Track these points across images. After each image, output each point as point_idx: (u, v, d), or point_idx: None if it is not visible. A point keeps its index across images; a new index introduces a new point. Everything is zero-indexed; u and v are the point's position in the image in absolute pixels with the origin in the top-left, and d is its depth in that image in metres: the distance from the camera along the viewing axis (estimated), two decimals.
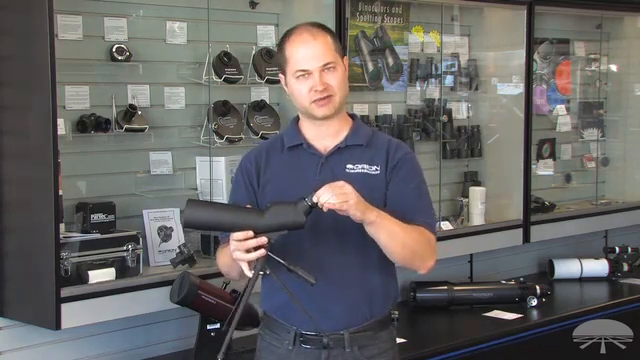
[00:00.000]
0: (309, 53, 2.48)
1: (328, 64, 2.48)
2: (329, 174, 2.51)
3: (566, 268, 4.99)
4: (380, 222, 2.41)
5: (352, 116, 2.67)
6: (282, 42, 2.56)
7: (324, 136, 2.58)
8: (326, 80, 2.48)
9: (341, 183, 2.35)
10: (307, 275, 2.33)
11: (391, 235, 2.45)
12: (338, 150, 2.57)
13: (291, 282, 2.40)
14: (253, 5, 3.88)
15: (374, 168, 2.55)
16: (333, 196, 2.31)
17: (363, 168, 2.55)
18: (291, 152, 2.60)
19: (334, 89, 2.50)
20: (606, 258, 5.03)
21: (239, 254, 2.34)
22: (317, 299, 2.45)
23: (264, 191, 2.57)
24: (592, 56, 5.48)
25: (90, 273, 3.19)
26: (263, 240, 2.31)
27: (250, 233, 2.31)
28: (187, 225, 2.41)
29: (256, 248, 2.33)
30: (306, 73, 2.48)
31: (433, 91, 4.65)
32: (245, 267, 2.35)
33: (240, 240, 2.32)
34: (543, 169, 5.20)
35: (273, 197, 2.44)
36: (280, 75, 2.61)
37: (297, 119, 2.64)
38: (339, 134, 2.59)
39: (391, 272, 2.64)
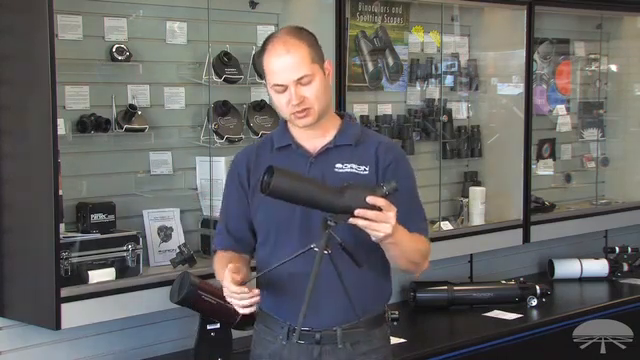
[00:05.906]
0: (283, 67, 2.47)
1: (303, 78, 2.48)
2: (318, 174, 2.53)
3: (566, 268, 4.99)
4: (398, 242, 2.44)
5: (341, 115, 2.67)
6: (261, 49, 2.56)
7: (312, 137, 2.59)
8: (302, 93, 2.48)
9: (392, 213, 2.33)
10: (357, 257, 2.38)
11: (402, 251, 2.50)
12: (327, 150, 2.58)
13: (283, 279, 2.47)
14: (253, 5, 3.88)
15: (362, 168, 2.56)
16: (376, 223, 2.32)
17: (352, 168, 2.56)
18: (280, 152, 2.61)
19: (311, 101, 2.50)
20: (606, 258, 5.03)
21: (234, 301, 2.42)
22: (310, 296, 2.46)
23: (255, 192, 2.58)
24: (592, 56, 5.48)
25: (90, 273, 3.19)
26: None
27: (245, 289, 2.38)
28: (272, 193, 2.32)
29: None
30: (282, 87, 2.49)
31: (433, 91, 4.64)
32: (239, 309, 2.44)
33: (235, 293, 2.39)
34: (543, 169, 5.20)
35: (262, 198, 2.44)
36: (265, 80, 2.61)
37: (286, 120, 2.65)
38: (327, 134, 2.60)
39: (385, 271, 2.66)
